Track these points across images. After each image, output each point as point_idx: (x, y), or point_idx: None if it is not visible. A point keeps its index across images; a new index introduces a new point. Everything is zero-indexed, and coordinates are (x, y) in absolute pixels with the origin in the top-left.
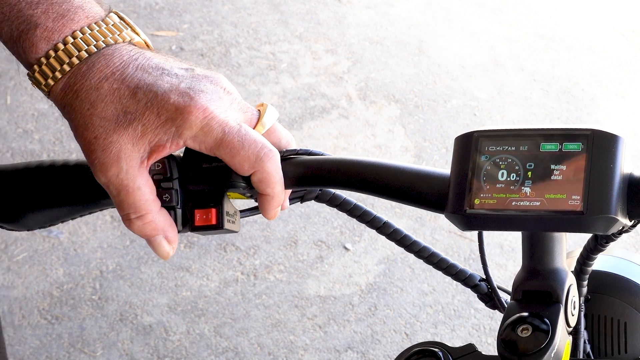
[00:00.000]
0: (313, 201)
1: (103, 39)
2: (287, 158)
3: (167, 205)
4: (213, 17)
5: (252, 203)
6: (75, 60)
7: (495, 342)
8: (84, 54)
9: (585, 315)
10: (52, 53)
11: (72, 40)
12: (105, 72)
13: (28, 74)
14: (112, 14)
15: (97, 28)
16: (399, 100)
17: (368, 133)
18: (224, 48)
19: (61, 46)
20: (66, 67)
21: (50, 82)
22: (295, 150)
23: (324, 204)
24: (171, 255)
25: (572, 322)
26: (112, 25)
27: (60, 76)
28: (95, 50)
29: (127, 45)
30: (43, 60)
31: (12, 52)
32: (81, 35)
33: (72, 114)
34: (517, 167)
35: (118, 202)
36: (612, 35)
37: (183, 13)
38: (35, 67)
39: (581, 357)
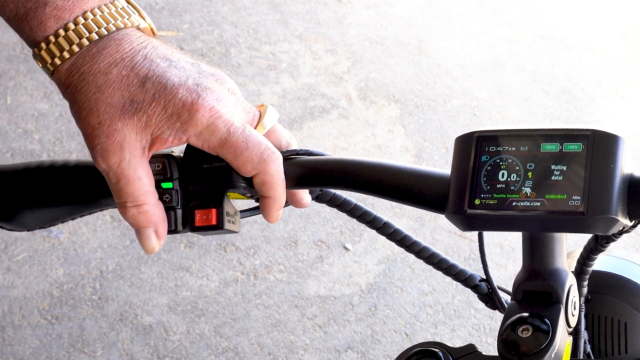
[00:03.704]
0: (313, 201)
1: (113, 21)
2: (288, 158)
3: (167, 206)
4: (213, 17)
5: (252, 203)
6: (85, 42)
7: (496, 343)
8: (94, 36)
9: (585, 316)
10: (61, 32)
11: (83, 20)
12: (115, 57)
13: (33, 52)
14: None
15: (107, 10)
16: (399, 100)
17: (368, 133)
18: (224, 48)
19: (72, 26)
20: (75, 48)
21: (57, 61)
22: (295, 150)
23: (324, 204)
24: (156, 251)
25: (573, 323)
26: (120, 8)
27: (68, 56)
28: (106, 33)
29: (136, 31)
30: (52, 38)
31: (17, 30)
32: (92, 17)
33: (77, 96)
34: (517, 168)
35: (116, 190)
36: (612, 35)
37: (183, 13)
38: (43, 44)
39: (581, 357)
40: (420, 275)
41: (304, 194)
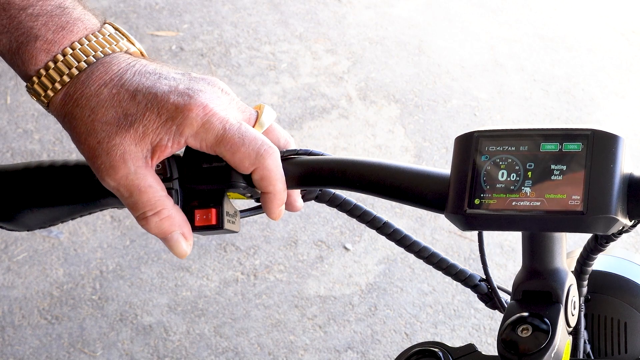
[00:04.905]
0: (313, 201)
1: (101, 49)
2: (288, 158)
3: None
4: (213, 17)
5: (252, 203)
6: (74, 71)
7: (496, 342)
8: (83, 65)
9: (585, 315)
10: (51, 64)
11: (71, 51)
12: (104, 79)
13: (27, 86)
14: (107, 25)
15: (95, 39)
16: (399, 100)
17: (368, 133)
18: (224, 48)
19: (60, 57)
20: (66, 78)
21: (50, 93)
22: (295, 150)
23: (324, 204)
24: (188, 254)
25: (572, 322)
26: (108, 35)
27: (60, 87)
28: (94, 60)
29: (124, 54)
30: (42, 71)
31: (10, 64)
32: (79, 47)
33: (74, 122)
34: (517, 167)
35: (131, 203)
36: (612, 35)
37: (183, 13)
38: (35, 78)
39: (581, 357)
40: (420, 275)
41: (297, 197)
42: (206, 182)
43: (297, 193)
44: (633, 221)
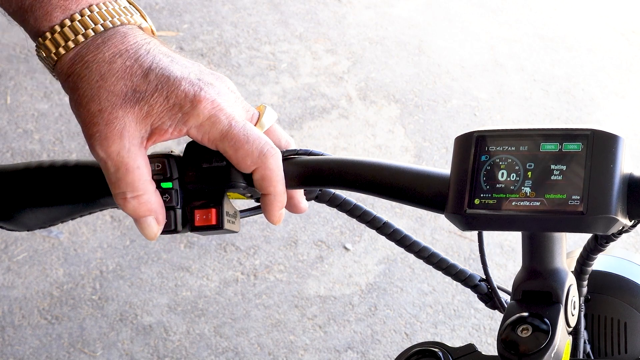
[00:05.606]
0: (313, 201)
1: (117, 17)
2: (288, 158)
3: (167, 206)
4: (213, 17)
5: (252, 203)
6: (90, 32)
7: (495, 342)
8: (100, 28)
9: (585, 315)
10: (67, 22)
11: (89, 12)
12: (120, 48)
13: (37, 42)
14: None
15: (112, 6)
16: (399, 100)
17: (368, 133)
18: (224, 48)
19: (78, 17)
20: (80, 38)
21: (62, 50)
22: (295, 150)
23: (324, 204)
24: (157, 236)
25: (572, 322)
26: (124, 7)
27: (72, 46)
28: (111, 26)
29: (138, 29)
30: (57, 28)
31: (20, 22)
32: (97, 10)
33: (79, 83)
34: (517, 167)
35: (114, 180)
36: (612, 35)
37: (183, 13)
38: (48, 34)
39: (581, 357)
40: (420, 275)
41: (301, 199)
42: (206, 182)
43: (301, 194)
44: (633, 221)
